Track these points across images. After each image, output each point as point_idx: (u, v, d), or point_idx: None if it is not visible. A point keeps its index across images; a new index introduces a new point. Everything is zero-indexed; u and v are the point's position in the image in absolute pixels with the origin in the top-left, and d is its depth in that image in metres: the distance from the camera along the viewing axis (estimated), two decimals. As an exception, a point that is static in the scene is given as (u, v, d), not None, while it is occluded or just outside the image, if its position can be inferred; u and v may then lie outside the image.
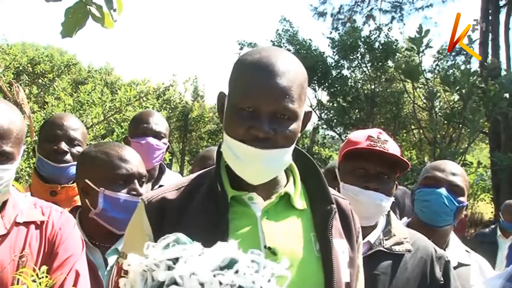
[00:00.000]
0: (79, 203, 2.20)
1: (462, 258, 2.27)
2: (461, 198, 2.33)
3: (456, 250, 2.38)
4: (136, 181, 2.04)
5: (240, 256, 0.98)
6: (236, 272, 0.95)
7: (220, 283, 0.93)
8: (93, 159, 2.07)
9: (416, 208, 2.40)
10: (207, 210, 1.33)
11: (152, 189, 2.88)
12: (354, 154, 2.02)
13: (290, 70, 1.31)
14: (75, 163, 2.36)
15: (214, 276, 0.93)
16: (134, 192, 2.01)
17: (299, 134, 1.39)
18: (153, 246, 1.00)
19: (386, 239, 2.03)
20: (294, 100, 1.29)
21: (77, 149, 2.49)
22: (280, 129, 1.29)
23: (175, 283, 0.93)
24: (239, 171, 1.35)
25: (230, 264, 0.96)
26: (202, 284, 0.92)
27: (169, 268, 0.95)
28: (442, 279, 1.97)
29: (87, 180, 2.02)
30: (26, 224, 1.67)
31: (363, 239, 1.96)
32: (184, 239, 1.01)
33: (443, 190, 2.30)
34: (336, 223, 1.41)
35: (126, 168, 2.02)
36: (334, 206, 1.40)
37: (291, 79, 1.30)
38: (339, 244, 1.38)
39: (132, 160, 2.06)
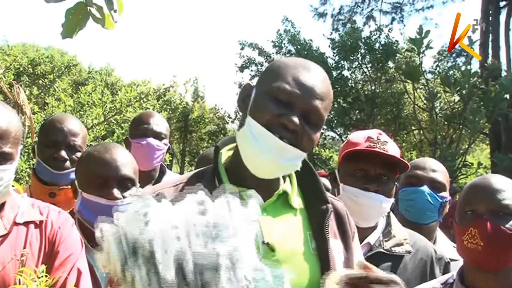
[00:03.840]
0: None
1: (451, 254, 2.29)
2: (443, 194, 2.37)
3: (444, 246, 2.41)
4: (114, 184, 1.97)
5: (210, 199, 0.97)
6: (209, 214, 0.94)
7: (195, 226, 0.92)
8: (80, 160, 2.11)
9: (401, 207, 2.42)
10: None
11: (152, 190, 2.88)
12: (354, 155, 2.02)
13: (328, 84, 1.39)
14: (74, 169, 2.36)
15: (187, 222, 0.93)
16: (109, 196, 1.95)
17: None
18: (122, 212, 0.99)
19: (386, 241, 2.03)
20: (325, 109, 1.34)
21: (77, 155, 2.44)
22: (308, 130, 1.32)
23: (151, 239, 0.91)
24: (252, 158, 1.34)
25: (202, 208, 0.96)
26: (177, 234, 0.91)
27: (141, 227, 0.94)
28: None
29: (75, 181, 2.07)
30: (26, 224, 1.68)
31: (362, 241, 1.97)
32: (153, 201, 1.00)
33: (425, 188, 2.33)
34: (332, 224, 1.42)
35: (103, 170, 1.97)
36: (330, 205, 1.42)
37: (328, 90, 1.37)
38: (334, 245, 1.39)
39: (113, 162, 1.98)
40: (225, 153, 1.47)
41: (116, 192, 1.95)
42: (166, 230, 0.92)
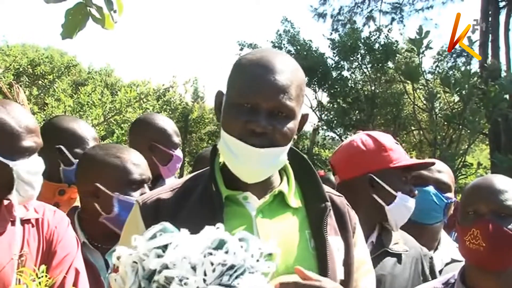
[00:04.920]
0: (74, 205, 2.19)
1: (454, 254, 2.30)
2: (448, 194, 2.36)
3: (448, 246, 2.41)
4: (145, 185, 2.04)
5: (229, 237, 0.98)
6: (226, 252, 0.95)
7: (212, 264, 0.93)
8: (105, 163, 2.02)
9: None
10: (201, 211, 1.33)
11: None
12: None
13: (290, 70, 1.34)
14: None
15: (205, 257, 0.94)
16: None
17: (295, 136, 1.39)
18: (140, 237, 1.00)
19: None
20: (292, 98, 1.31)
21: None
22: (278, 125, 1.30)
23: (167, 269, 0.93)
24: (235, 168, 1.36)
25: (220, 245, 0.97)
26: (194, 267, 0.93)
27: (159, 256, 0.95)
28: (430, 276, 2.03)
29: (98, 184, 1.98)
30: (22, 222, 1.69)
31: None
32: (171, 228, 1.02)
33: (430, 188, 2.33)
34: (331, 221, 1.41)
35: (138, 173, 2.02)
36: (329, 204, 1.41)
37: (290, 78, 1.32)
38: (334, 242, 1.39)
39: (142, 164, 2.07)
40: (221, 156, 1.46)
41: (148, 191, 2.00)
42: (184, 262, 0.93)
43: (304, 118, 1.42)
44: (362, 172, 2.04)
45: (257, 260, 0.99)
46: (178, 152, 2.89)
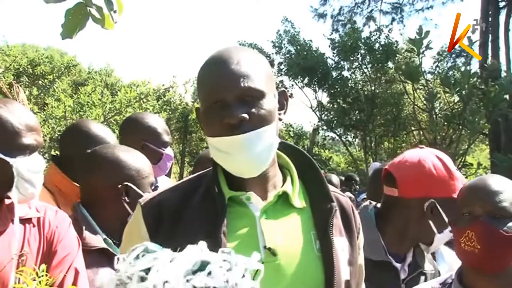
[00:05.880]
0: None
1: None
2: None
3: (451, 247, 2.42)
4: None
5: (211, 257, 0.98)
6: (209, 273, 0.95)
7: (194, 287, 0.93)
8: (130, 165, 2.02)
9: None
10: (204, 212, 1.33)
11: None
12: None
13: (245, 56, 1.34)
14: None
15: (188, 281, 0.94)
16: None
17: (281, 115, 1.39)
18: (123, 259, 1.00)
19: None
20: (255, 79, 1.31)
21: None
22: (254, 110, 1.30)
23: None
24: (231, 167, 1.35)
25: (202, 267, 0.97)
26: None
27: (142, 279, 0.95)
28: None
29: (130, 184, 1.97)
30: (23, 222, 1.69)
31: (401, 261, 1.98)
32: (154, 248, 1.01)
33: None
34: (337, 221, 1.40)
35: (153, 174, 2.08)
36: (335, 204, 1.40)
37: (247, 63, 1.32)
38: (339, 242, 1.38)
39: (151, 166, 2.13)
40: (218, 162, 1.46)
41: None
42: (166, 287, 0.94)
43: (283, 95, 1.42)
44: (426, 196, 1.97)
45: (243, 276, 0.99)
46: (168, 151, 2.89)
